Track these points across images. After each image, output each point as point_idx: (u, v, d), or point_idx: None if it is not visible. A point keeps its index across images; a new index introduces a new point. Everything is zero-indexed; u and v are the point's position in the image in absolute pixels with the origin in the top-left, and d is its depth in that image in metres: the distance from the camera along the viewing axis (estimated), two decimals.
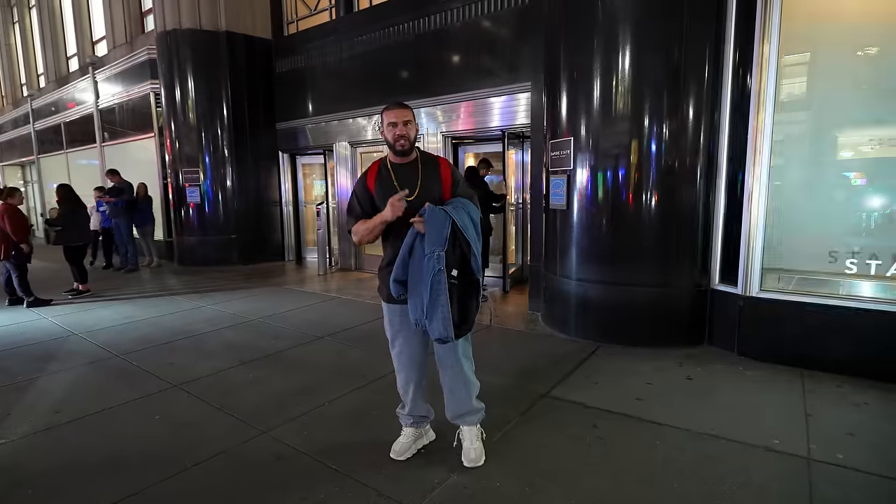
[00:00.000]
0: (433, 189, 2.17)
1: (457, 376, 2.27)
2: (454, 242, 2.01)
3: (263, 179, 8.79)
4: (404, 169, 2.20)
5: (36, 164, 14.01)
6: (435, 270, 1.96)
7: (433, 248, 1.97)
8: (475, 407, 2.33)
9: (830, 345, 3.30)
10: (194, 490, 2.19)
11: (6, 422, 2.86)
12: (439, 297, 1.97)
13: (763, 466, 2.26)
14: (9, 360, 3.95)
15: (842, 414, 2.76)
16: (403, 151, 2.17)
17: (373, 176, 2.22)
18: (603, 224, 3.99)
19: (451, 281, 2.01)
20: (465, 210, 2.09)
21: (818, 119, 3.57)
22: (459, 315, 2.05)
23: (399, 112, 2.15)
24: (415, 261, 2.04)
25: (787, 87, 3.56)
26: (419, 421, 2.40)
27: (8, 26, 15.27)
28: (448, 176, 2.21)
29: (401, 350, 2.31)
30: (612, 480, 2.19)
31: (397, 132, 2.14)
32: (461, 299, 2.06)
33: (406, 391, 2.35)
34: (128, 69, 9.61)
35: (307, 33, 8.06)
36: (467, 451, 2.30)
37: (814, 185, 3.60)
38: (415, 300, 2.04)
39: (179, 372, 3.58)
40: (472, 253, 2.05)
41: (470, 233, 2.04)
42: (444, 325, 1.98)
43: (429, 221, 2.00)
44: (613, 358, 3.70)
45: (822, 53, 3.51)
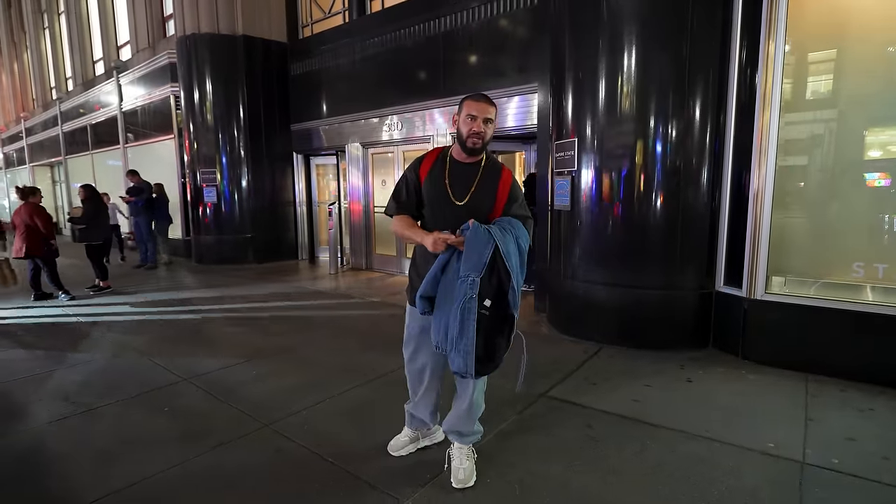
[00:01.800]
0: (486, 201, 1.99)
1: (464, 394, 2.17)
2: (493, 269, 1.81)
3: (278, 180, 8.96)
4: (463, 168, 2.03)
5: (64, 165, 14.54)
6: (467, 297, 1.78)
7: (468, 272, 1.79)
8: (473, 430, 2.23)
9: (837, 349, 3.25)
10: (198, 478, 2.28)
11: (30, 409, 3.01)
12: (466, 328, 1.78)
13: (755, 470, 2.25)
14: (33, 351, 4.14)
15: (844, 419, 2.72)
16: (473, 150, 1.98)
17: (428, 164, 2.06)
18: (607, 225, 3.99)
19: (482, 311, 1.80)
20: (514, 234, 1.90)
21: (842, 118, 3.48)
22: (485, 351, 1.84)
23: (482, 106, 1.94)
24: (447, 279, 1.88)
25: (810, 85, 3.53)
26: (418, 424, 2.39)
27: (39, 32, 15.86)
28: (506, 189, 2.01)
29: (412, 356, 2.24)
30: (601, 481, 2.21)
31: (474, 127, 1.94)
32: (489, 334, 1.84)
33: (415, 392, 2.32)
34: (150, 73, 9.90)
35: (321, 36, 8.20)
36: (456, 470, 2.17)
37: (832, 188, 3.54)
38: (438, 322, 1.88)
39: (190, 366, 3.70)
40: (512, 285, 1.83)
41: (512, 262, 1.84)
42: (466, 359, 1.81)
43: (469, 241, 1.82)
44: (615, 360, 3.70)
45: (845, 51, 3.44)
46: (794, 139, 3.57)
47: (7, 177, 19.87)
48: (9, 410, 3.02)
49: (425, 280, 1.93)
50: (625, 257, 3.93)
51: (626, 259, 3.93)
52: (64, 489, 2.22)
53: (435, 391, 2.31)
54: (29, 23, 16.18)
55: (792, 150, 3.58)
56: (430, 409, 2.35)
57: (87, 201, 6.55)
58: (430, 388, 2.29)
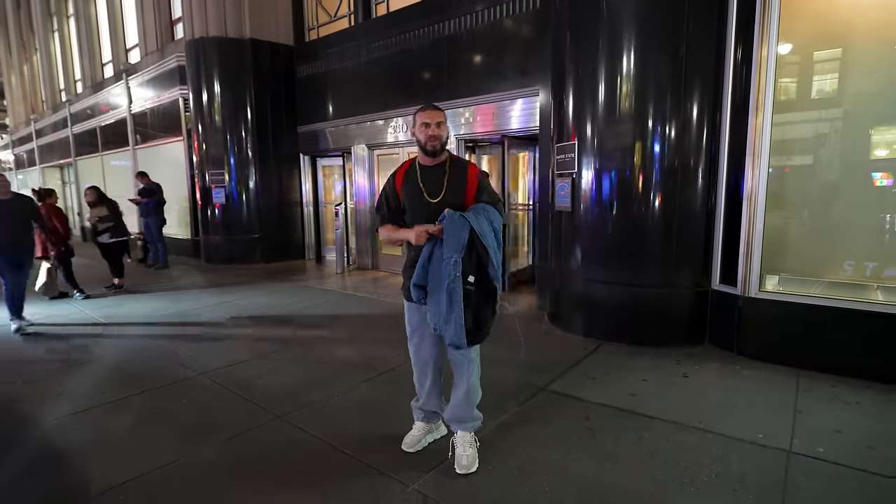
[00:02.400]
0: (458, 193, 2.21)
1: (461, 381, 2.34)
2: (471, 249, 2.05)
3: (285, 181, 9.12)
4: (432, 171, 2.26)
5: (73, 166, 14.76)
6: (451, 276, 2.01)
7: (451, 254, 2.02)
8: (473, 416, 2.38)
9: (828, 346, 3.36)
10: (215, 466, 2.43)
11: (51, 402, 3.17)
12: (454, 303, 2.01)
13: (743, 458, 2.37)
14: (55, 347, 4.31)
15: (832, 412, 2.84)
16: (434, 152, 2.22)
17: (401, 176, 2.29)
18: (606, 225, 4.11)
19: (468, 287, 2.04)
20: (486, 216, 2.12)
21: (844, 117, 3.58)
22: (474, 322, 2.08)
23: (432, 113, 2.21)
24: (434, 266, 2.10)
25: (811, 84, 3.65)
26: (430, 416, 2.51)
27: (48, 35, 16.08)
28: (474, 182, 2.24)
29: (417, 348, 2.42)
30: (597, 467, 2.34)
31: (429, 132, 2.19)
32: (477, 306, 2.08)
33: (421, 385, 2.47)
34: (158, 75, 10.07)
35: (327, 39, 8.34)
36: (459, 457, 2.32)
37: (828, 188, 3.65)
38: (433, 305, 2.11)
39: (205, 361, 3.85)
40: (490, 260, 2.07)
41: (488, 239, 2.07)
42: (457, 331, 2.03)
43: (447, 227, 2.06)
44: (613, 356, 3.83)
45: (846, 50, 3.52)
46: (790, 139, 3.68)
47: (18, 178, 20.16)
48: (31, 403, 3.18)
49: (416, 270, 2.15)
50: (624, 256, 4.05)
51: (624, 258, 4.05)
52: (87, 475, 2.36)
53: (441, 378, 2.48)
54: (38, 25, 16.40)
55: (787, 149, 3.68)
56: (439, 397, 2.49)
57: (101, 202, 6.72)
58: (436, 378, 2.45)
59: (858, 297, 3.33)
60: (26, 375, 3.64)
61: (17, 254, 4.70)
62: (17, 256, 4.71)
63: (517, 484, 2.21)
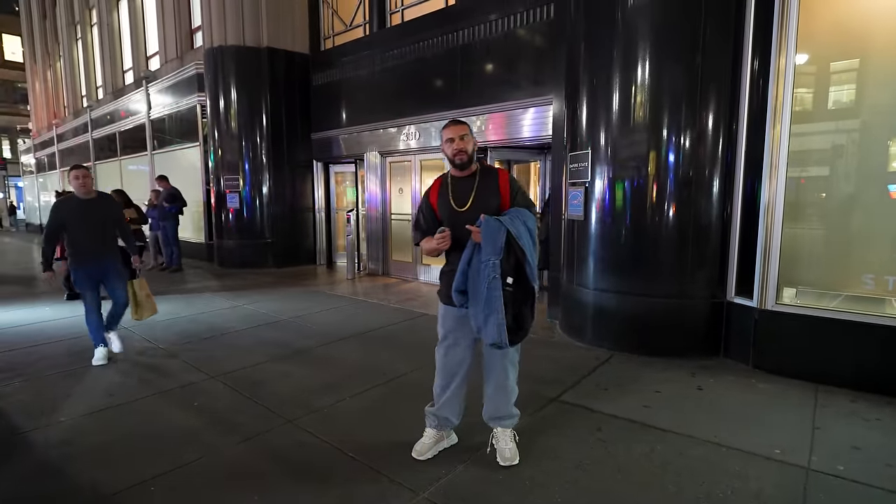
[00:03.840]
0: (490, 201, 2.27)
1: (501, 381, 2.39)
2: (509, 251, 2.11)
3: (298, 186, 9.22)
4: (462, 182, 2.33)
5: (92, 170, 15.07)
6: (490, 278, 2.08)
7: (488, 257, 2.10)
8: (512, 412, 2.45)
9: (847, 360, 3.29)
10: (227, 469, 2.44)
11: (66, 402, 3.21)
12: (494, 304, 2.08)
13: (760, 474, 2.32)
14: (68, 349, 4.37)
15: (851, 428, 2.77)
16: (462, 164, 2.29)
17: (435, 191, 2.39)
18: (620, 235, 4.08)
19: (507, 288, 2.11)
20: (521, 219, 2.19)
21: (863, 128, 3.54)
22: (515, 322, 2.14)
23: (455, 128, 2.29)
24: (473, 271, 2.16)
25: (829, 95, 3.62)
26: (443, 423, 2.48)
27: (72, 43, 16.52)
28: (506, 188, 2.30)
29: (447, 351, 2.42)
30: (609, 480, 2.31)
31: (455, 147, 2.27)
32: (516, 306, 2.15)
33: (443, 389, 2.45)
34: (177, 82, 10.28)
35: (343, 48, 8.45)
36: (502, 450, 2.40)
37: (847, 199, 3.60)
38: (475, 308, 2.17)
39: (216, 364, 3.88)
40: (528, 261, 2.14)
41: (524, 241, 2.14)
42: (499, 330, 2.09)
43: (484, 231, 2.13)
44: (626, 366, 3.78)
45: (864, 61, 3.49)
46: (808, 150, 3.63)
47: (39, 181, 20.63)
48: (47, 402, 3.22)
49: (456, 275, 2.21)
50: (637, 266, 4.02)
51: (638, 268, 4.02)
52: (102, 476, 2.39)
53: (465, 387, 2.48)
54: (63, 34, 16.87)
55: (806, 161, 3.64)
56: (459, 404, 2.49)
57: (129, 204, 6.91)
58: (461, 383, 2.45)
59: (878, 311, 3.26)
60: (37, 374, 3.71)
61: (97, 267, 3.92)
62: (98, 270, 3.94)
63: (528, 494, 2.19)
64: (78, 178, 3.80)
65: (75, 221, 3.81)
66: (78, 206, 3.83)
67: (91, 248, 3.86)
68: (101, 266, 3.93)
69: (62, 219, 3.82)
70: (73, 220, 3.81)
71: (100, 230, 3.90)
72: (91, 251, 3.85)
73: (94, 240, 3.86)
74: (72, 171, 3.87)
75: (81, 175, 3.81)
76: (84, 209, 3.83)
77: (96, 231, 3.88)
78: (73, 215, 3.81)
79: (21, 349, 4.37)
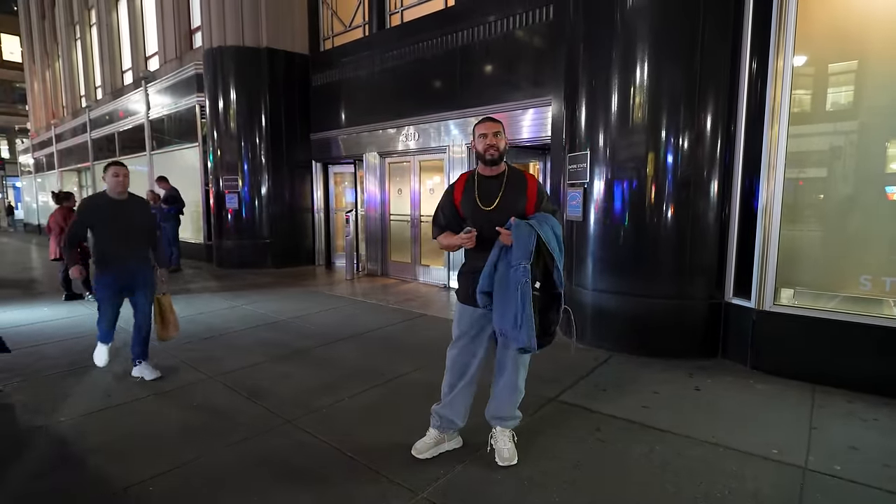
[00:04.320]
0: (517, 203, 2.27)
1: (510, 381, 2.40)
2: (538, 255, 2.11)
3: (297, 187, 9.22)
4: (489, 182, 2.32)
5: (91, 170, 15.05)
6: (521, 282, 2.06)
7: (519, 261, 2.08)
8: (514, 414, 2.46)
9: (844, 361, 3.30)
10: (227, 468, 2.44)
11: (66, 402, 3.21)
12: (526, 308, 2.07)
13: (758, 474, 2.33)
14: (67, 349, 4.37)
15: (848, 429, 2.78)
16: (493, 161, 2.27)
17: (461, 187, 2.36)
18: (618, 236, 4.09)
19: (535, 293, 2.11)
20: (549, 224, 2.19)
21: (861, 129, 3.55)
22: (542, 326, 2.14)
23: (490, 125, 2.29)
24: (500, 273, 2.15)
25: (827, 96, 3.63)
26: (446, 424, 2.46)
27: (71, 43, 16.50)
28: (534, 192, 2.30)
29: (461, 351, 2.41)
30: (608, 480, 2.31)
31: (487, 142, 2.25)
32: (543, 311, 2.16)
33: (451, 390, 2.44)
34: (176, 83, 10.28)
35: (342, 49, 8.46)
36: (500, 450, 2.41)
37: (844, 201, 3.61)
38: (500, 310, 2.15)
39: (215, 365, 3.88)
40: (556, 266, 2.15)
41: (553, 246, 2.14)
42: (529, 334, 2.08)
43: (515, 235, 2.12)
44: (624, 367, 3.79)
45: (861, 62, 3.51)
46: (805, 151, 3.65)
47: (37, 181, 20.59)
48: (47, 403, 3.22)
49: (482, 277, 2.20)
50: (635, 267, 4.03)
51: (636, 269, 4.03)
52: (101, 476, 2.39)
53: (473, 387, 2.46)
54: (62, 34, 16.85)
55: (803, 162, 3.65)
56: (465, 406, 2.47)
57: None
58: (471, 383, 2.43)
59: (875, 312, 3.27)
60: (36, 374, 3.71)
61: (123, 274, 3.54)
62: (125, 277, 3.55)
63: (527, 494, 2.19)
64: (118, 177, 3.42)
65: (104, 223, 3.47)
66: (108, 207, 3.47)
67: (119, 253, 3.49)
68: (128, 273, 3.55)
69: (89, 220, 3.50)
70: (102, 222, 3.47)
71: (130, 235, 3.54)
72: (119, 256, 3.49)
73: (123, 245, 3.50)
74: (110, 167, 3.45)
75: (122, 174, 3.45)
76: (115, 211, 3.47)
77: (126, 236, 3.52)
78: (101, 216, 3.46)
79: (20, 349, 4.37)
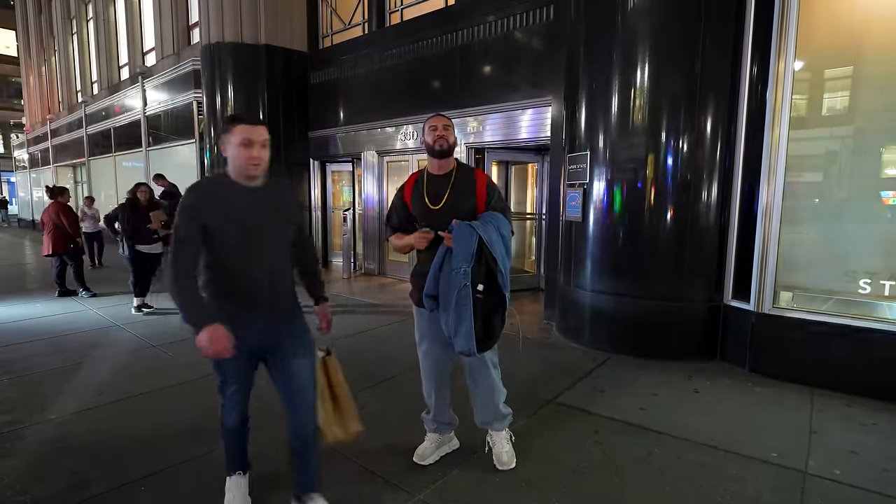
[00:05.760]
0: (465, 201, 2.21)
1: (485, 384, 2.34)
2: (480, 257, 2.05)
3: (294, 185, 9.15)
4: (437, 180, 2.26)
5: (86, 166, 14.94)
6: (460, 286, 2.03)
7: (459, 264, 2.04)
8: (502, 413, 2.41)
9: (843, 365, 3.29)
10: (219, 469, 2.39)
11: (56, 400, 3.16)
12: (463, 312, 2.03)
13: (758, 478, 2.31)
14: (59, 345, 4.31)
15: (847, 433, 2.77)
16: (442, 152, 2.21)
17: (410, 186, 2.32)
18: (617, 237, 4.07)
19: (477, 296, 2.05)
20: (494, 225, 2.12)
21: (857, 134, 3.55)
22: (484, 330, 2.09)
23: (440, 119, 2.27)
24: (444, 276, 2.10)
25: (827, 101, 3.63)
26: (443, 427, 2.46)
27: (67, 37, 16.37)
28: (483, 189, 2.24)
29: (426, 354, 2.38)
30: (607, 483, 2.29)
31: (437, 133, 2.21)
32: (486, 315, 2.10)
33: (430, 395, 2.42)
34: (173, 79, 10.21)
35: (341, 46, 8.41)
36: (499, 454, 2.37)
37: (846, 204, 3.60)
38: (445, 315, 2.11)
39: (208, 363, 3.82)
40: (500, 269, 2.08)
41: (497, 248, 2.07)
42: (467, 339, 2.04)
43: (456, 237, 2.06)
44: (622, 369, 3.77)
45: (861, 67, 3.49)
46: (804, 155, 3.64)
47: (32, 176, 20.43)
48: (38, 401, 3.17)
49: (427, 280, 2.15)
50: (634, 268, 4.01)
51: (635, 270, 4.01)
52: (92, 475, 2.35)
53: (447, 387, 2.43)
54: (58, 28, 16.72)
55: (803, 165, 3.64)
56: (449, 408, 2.45)
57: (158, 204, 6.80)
58: (443, 387, 2.41)
59: (875, 316, 3.26)
60: (27, 370, 3.65)
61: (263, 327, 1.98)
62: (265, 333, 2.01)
63: (524, 497, 2.17)
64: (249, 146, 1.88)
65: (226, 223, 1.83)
66: (237, 197, 1.88)
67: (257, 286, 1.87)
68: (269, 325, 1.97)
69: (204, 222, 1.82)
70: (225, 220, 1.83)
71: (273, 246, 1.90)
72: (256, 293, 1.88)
73: (262, 265, 1.87)
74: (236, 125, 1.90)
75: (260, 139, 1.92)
76: (249, 203, 1.87)
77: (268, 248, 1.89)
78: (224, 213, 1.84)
79: (11, 346, 4.31)
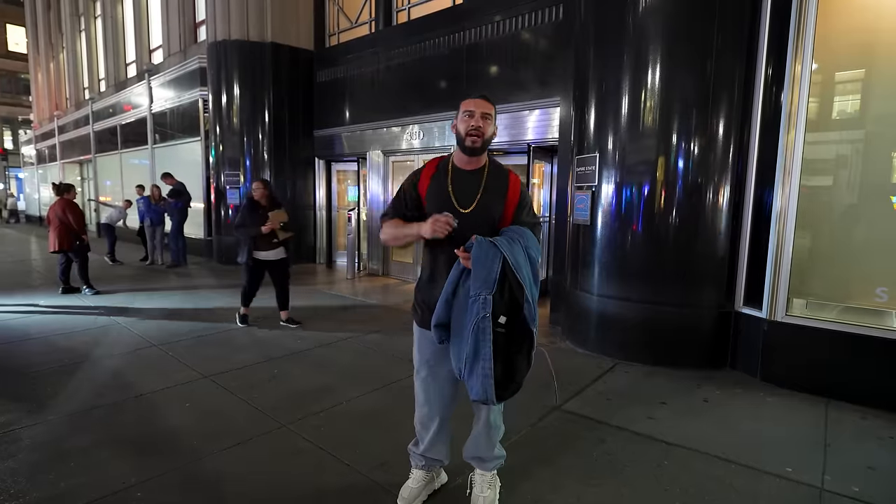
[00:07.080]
0: (495, 207, 1.84)
1: (486, 419, 2.00)
2: (503, 283, 1.66)
3: (299, 184, 9.12)
4: (466, 176, 1.86)
5: (93, 163, 14.98)
6: (479, 317, 1.63)
7: (478, 291, 1.64)
8: (494, 454, 2.06)
9: (858, 375, 3.20)
10: (220, 474, 2.34)
11: (55, 400, 3.12)
12: (481, 350, 1.64)
13: (773, 493, 2.23)
14: (60, 344, 4.28)
15: (864, 447, 2.68)
16: (473, 150, 1.81)
17: (428, 175, 1.89)
18: (626, 241, 3.99)
19: (498, 330, 1.66)
20: (522, 244, 1.74)
21: (870, 138, 3.45)
22: (504, 372, 1.69)
23: (479, 102, 1.81)
24: (459, 300, 1.72)
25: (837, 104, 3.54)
26: (431, 464, 2.12)
27: (75, 35, 16.43)
28: (516, 195, 1.87)
29: (424, 385, 2.02)
30: (615, 494, 2.22)
31: (472, 123, 1.78)
32: (508, 353, 1.70)
33: (425, 428, 2.06)
34: (180, 76, 10.20)
35: (347, 45, 8.37)
36: (476, 498, 2.03)
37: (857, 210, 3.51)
38: (457, 347, 1.73)
39: (210, 364, 3.79)
40: (526, 298, 1.68)
41: (523, 273, 1.68)
42: (484, 383, 1.65)
43: (475, 257, 1.67)
44: (630, 376, 3.69)
45: (876, 70, 3.41)
46: (819, 159, 3.55)
47: (39, 172, 20.54)
48: (35, 401, 3.13)
49: (437, 306, 1.77)
50: (643, 273, 3.93)
51: (644, 275, 3.93)
52: (89, 479, 2.29)
53: (448, 427, 2.10)
54: (66, 25, 16.78)
55: (817, 170, 3.55)
56: (446, 445, 2.13)
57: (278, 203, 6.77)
58: (444, 424, 2.07)
59: (891, 325, 3.17)
60: (27, 369, 3.61)
61: None
62: None
63: None
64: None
65: None
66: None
67: None
68: None
69: None
70: None
71: None
72: None
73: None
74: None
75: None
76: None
77: None
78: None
79: (10, 343, 4.28)
